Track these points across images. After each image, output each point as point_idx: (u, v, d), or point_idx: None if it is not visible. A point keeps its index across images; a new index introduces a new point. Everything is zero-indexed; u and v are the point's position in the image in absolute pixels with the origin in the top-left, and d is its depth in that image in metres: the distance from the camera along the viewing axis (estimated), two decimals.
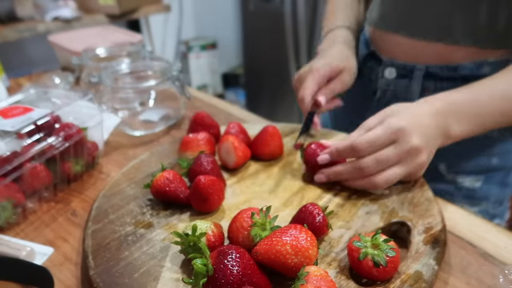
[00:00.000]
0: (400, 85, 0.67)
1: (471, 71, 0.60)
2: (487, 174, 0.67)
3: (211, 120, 0.65)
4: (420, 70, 0.64)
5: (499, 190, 0.69)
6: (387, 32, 0.67)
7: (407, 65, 0.65)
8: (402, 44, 0.65)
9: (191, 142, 0.59)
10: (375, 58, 0.71)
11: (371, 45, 0.72)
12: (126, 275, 0.41)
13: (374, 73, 0.71)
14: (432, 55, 0.62)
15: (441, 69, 0.62)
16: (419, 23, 0.62)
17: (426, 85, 0.64)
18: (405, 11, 0.64)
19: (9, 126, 0.53)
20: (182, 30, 2.81)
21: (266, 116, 0.80)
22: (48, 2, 1.91)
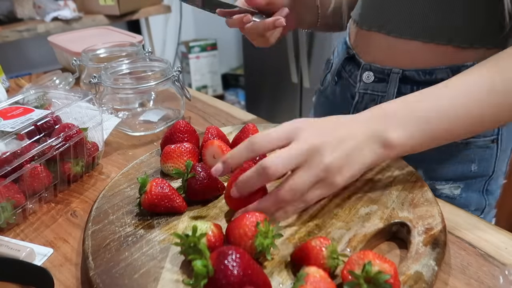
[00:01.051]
0: (377, 89, 0.67)
1: (448, 75, 0.59)
2: (466, 181, 0.66)
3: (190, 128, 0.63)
4: (396, 74, 0.64)
5: (480, 197, 0.68)
6: (366, 31, 0.67)
7: (384, 69, 0.65)
8: (381, 45, 0.65)
9: (173, 153, 0.57)
10: (354, 61, 0.71)
11: (350, 48, 0.72)
12: (126, 276, 0.41)
13: (353, 77, 0.71)
14: (408, 57, 0.62)
15: (418, 73, 0.62)
16: (395, 21, 0.62)
17: (402, 89, 0.64)
18: (383, 9, 0.64)
19: (9, 127, 0.53)
20: (182, 30, 2.81)
21: (266, 117, 0.80)
22: (48, 2, 1.91)
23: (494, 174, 0.67)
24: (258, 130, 0.62)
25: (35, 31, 1.85)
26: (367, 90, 0.68)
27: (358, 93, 0.69)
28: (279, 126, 0.45)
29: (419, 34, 0.60)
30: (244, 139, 0.57)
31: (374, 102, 0.68)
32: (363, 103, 0.69)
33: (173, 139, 0.61)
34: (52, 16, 1.88)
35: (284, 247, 0.43)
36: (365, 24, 0.68)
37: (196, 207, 0.51)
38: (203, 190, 0.50)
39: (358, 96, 0.70)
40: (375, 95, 0.67)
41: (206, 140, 0.60)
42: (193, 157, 0.58)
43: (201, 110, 0.86)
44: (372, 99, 0.68)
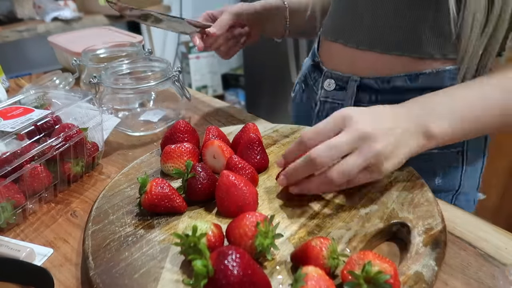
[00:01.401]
0: (337, 97, 0.67)
1: (405, 82, 0.60)
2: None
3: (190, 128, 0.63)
4: (354, 81, 0.64)
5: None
6: (328, 41, 0.69)
7: (344, 76, 0.66)
8: (340, 53, 0.66)
9: (173, 153, 0.57)
10: (318, 69, 0.72)
11: (316, 56, 0.73)
12: (126, 276, 0.41)
13: (316, 84, 0.72)
14: (366, 66, 0.63)
15: (375, 81, 0.62)
16: (353, 32, 0.63)
17: (361, 98, 0.65)
18: (340, 20, 0.66)
19: (9, 127, 0.53)
20: None
21: (266, 117, 0.80)
22: (48, 2, 1.91)
23: (460, 189, 0.67)
24: (259, 130, 0.62)
25: (35, 31, 1.85)
26: (328, 98, 0.69)
27: (319, 101, 0.70)
28: (328, 118, 0.47)
29: (375, 46, 0.61)
30: (244, 138, 0.57)
31: (333, 110, 0.67)
32: (324, 112, 0.70)
33: (173, 139, 0.61)
34: (52, 16, 1.88)
35: (284, 247, 0.43)
36: (327, 34, 0.70)
37: (196, 207, 0.51)
38: (203, 190, 0.50)
39: (320, 104, 0.70)
40: (335, 104, 0.68)
41: (206, 140, 0.60)
42: (193, 157, 0.58)
43: (201, 110, 0.86)
44: (332, 107, 0.69)
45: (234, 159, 0.53)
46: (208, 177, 0.50)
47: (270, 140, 0.66)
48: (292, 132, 0.68)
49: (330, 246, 0.39)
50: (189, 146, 0.58)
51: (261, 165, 0.57)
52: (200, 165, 0.51)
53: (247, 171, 0.53)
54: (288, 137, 0.67)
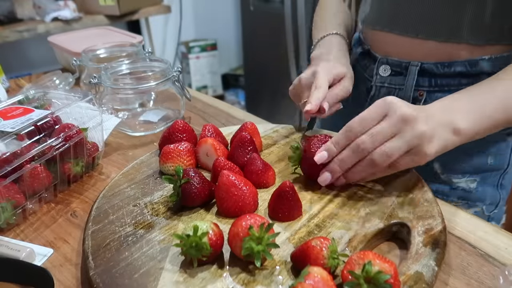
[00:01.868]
0: (395, 82, 0.68)
1: (466, 68, 0.61)
2: (482, 174, 0.67)
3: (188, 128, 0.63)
4: (415, 67, 0.65)
5: (494, 191, 0.69)
6: (380, 31, 0.68)
7: (402, 62, 0.66)
8: (395, 42, 0.66)
9: (172, 153, 0.57)
10: (369, 55, 0.72)
11: (364, 43, 0.73)
12: (126, 275, 0.41)
13: (368, 71, 0.72)
14: (426, 52, 0.63)
15: (436, 66, 0.63)
16: (410, 21, 0.63)
17: (420, 82, 0.65)
18: (396, 9, 0.65)
19: (9, 127, 0.53)
20: (182, 31, 2.81)
21: (266, 117, 0.80)
22: (48, 3, 1.91)
23: (508, 168, 0.68)
24: (257, 128, 0.62)
25: (35, 31, 1.85)
26: (384, 83, 0.69)
27: (375, 86, 0.70)
28: (371, 106, 0.48)
29: (433, 34, 0.61)
30: (239, 136, 0.57)
31: (390, 95, 0.68)
32: (380, 96, 0.69)
33: (171, 139, 0.61)
34: (52, 17, 1.88)
35: (284, 247, 0.43)
36: (378, 24, 0.69)
37: (193, 210, 0.51)
38: (199, 195, 0.49)
39: (375, 89, 0.70)
40: (392, 88, 0.68)
41: (202, 137, 0.60)
42: (192, 157, 0.58)
43: (201, 110, 0.86)
44: (388, 92, 0.69)
45: (221, 162, 0.53)
46: (202, 181, 0.50)
47: (270, 140, 0.66)
48: (292, 132, 0.68)
49: (330, 246, 0.39)
50: (187, 146, 0.58)
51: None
52: (192, 170, 0.50)
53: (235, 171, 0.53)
54: (288, 137, 0.67)
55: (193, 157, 0.58)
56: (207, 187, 0.50)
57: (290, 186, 0.47)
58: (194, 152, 0.58)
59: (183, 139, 0.60)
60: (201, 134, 0.62)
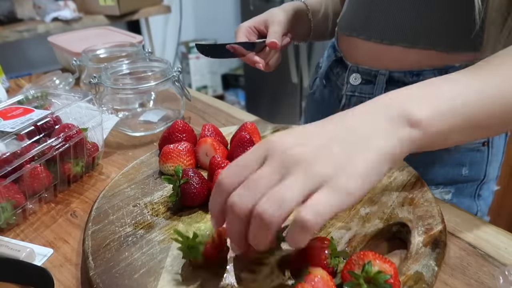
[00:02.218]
0: (365, 91, 0.67)
1: (435, 76, 0.58)
2: (457, 185, 0.66)
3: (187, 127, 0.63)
4: (383, 75, 0.63)
5: (472, 203, 0.68)
6: (350, 36, 0.68)
7: (371, 70, 0.65)
8: (363, 49, 0.65)
9: (172, 153, 0.57)
10: (342, 63, 0.71)
11: (338, 51, 0.72)
12: (126, 276, 0.41)
13: (340, 79, 0.71)
14: (393, 60, 0.62)
15: (404, 74, 0.61)
16: (376, 26, 0.62)
17: (389, 90, 0.63)
18: (363, 14, 0.65)
19: (9, 127, 0.53)
20: (182, 31, 2.82)
21: (266, 117, 0.80)
22: (48, 3, 1.91)
23: (485, 179, 0.67)
24: (257, 128, 0.62)
25: (35, 31, 1.86)
26: (355, 92, 0.68)
27: (345, 95, 0.69)
28: (248, 151, 0.36)
29: (399, 40, 0.60)
30: (238, 136, 0.57)
31: (360, 104, 0.67)
32: (350, 106, 0.69)
33: (171, 139, 0.61)
34: (52, 17, 1.88)
35: (285, 246, 0.43)
36: (346, 29, 0.69)
37: (193, 210, 0.51)
38: (198, 195, 0.49)
39: (345, 98, 0.69)
40: (363, 97, 0.67)
41: (202, 137, 0.60)
42: (192, 157, 0.58)
43: (201, 110, 0.86)
44: (359, 101, 0.68)
45: (217, 159, 0.53)
46: (202, 181, 0.50)
47: None
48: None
49: (330, 245, 0.39)
50: (187, 146, 0.58)
51: None
52: (192, 170, 0.50)
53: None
54: None
55: (193, 157, 0.58)
56: (206, 187, 0.50)
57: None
58: (194, 152, 0.59)
59: (183, 139, 0.60)
60: (201, 134, 0.62)
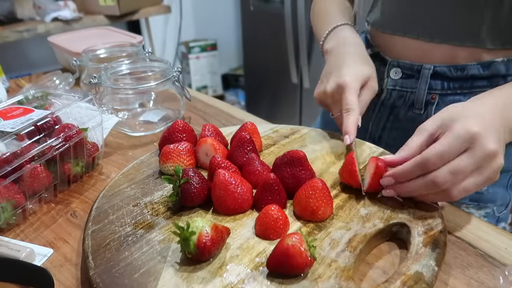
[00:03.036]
0: (407, 85, 0.67)
1: (479, 70, 0.60)
2: None
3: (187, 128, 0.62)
4: (427, 70, 0.64)
5: (504, 192, 0.69)
6: (391, 34, 0.67)
7: (414, 65, 0.65)
8: (408, 46, 0.66)
9: (172, 153, 0.57)
10: (379, 58, 0.71)
11: (374, 46, 0.72)
12: (126, 275, 0.41)
13: (378, 74, 0.70)
14: (439, 56, 0.63)
15: (449, 69, 0.62)
16: (424, 25, 0.63)
17: (433, 85, 0.64)
18: (409, 13, 0.64)
19: (9, 127, 0.53)
20: (182, 31, 2.81)
21: (266, 117, 0.80)
22: (48, 3, 1.91)
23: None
24: (257, 129, 0.62)
25: (35, 31, 1.85)
26: (396, 86, 0.68)
27: (386, 89, 0.69)
28: (451, 138, 0.44)
29: (449, 38, 0.61)
30: (239, 136, 0.57)
31: (402, 99, 0.68)
32: (391, 100, 0.69)
33: (171, 139, 0.61)
34: (52, 17, 1.88)
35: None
36: (389, 28, 0.68)
37: (193, 210, 0.51)
38: (199, 195, 0.49)
39: (386, 92, 0.70)
40: (404, 91, 0.68)
41: (202, 137, 0.60)
42: (192, 157, 0.58)
43: (201, 110, 0.86)
44: (400, 95, 0.68)
45: (217, 159, 0.53)
46: (202, 181, 0.50)
47: (270, 140, 0.66)
48: (292, 132, 0.68)
49: (303, 238, 0.39)
50: (187, 145, 0.58)
51: None
52: (192, 170, 0.50)
53: (230, 171, 0.53)
54: (288, 137, 0.67)
55: (193, 157, 0.58)
56: (206, 187, 0.50)
57: (274, 179, 0.48)
58: (194, 152, 0.59)
59: (183, 139, 0.60)
60: (201, 134, 0.62)
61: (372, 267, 0.42)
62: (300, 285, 0.39)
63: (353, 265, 0.41)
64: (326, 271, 0.40)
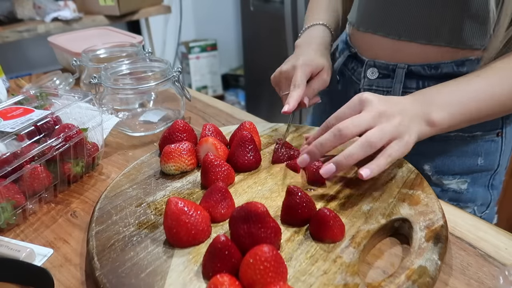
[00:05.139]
0: (383, 84, 0.68)
1: (453, 68, 0.60)
2: (473, 175, 0.67)
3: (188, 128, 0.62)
4: (402, 69, 0.65)
5: (485, 192, 0.69)
6: (366, 32, 0.68)
7: (389, 65, 0.66)
8: (381, 45, 0.66)
9: (173, 153, 0.57)
10: (356, 59, 0.72)
11: (352, 46, 0.73)
12: (132, 275, 0.41)
13: (356, 74, 0.72)
14: (411, 54, 0.63)
15: (423, 68, 0.63)
16: (393, 23, 0.63)
17: (408, 84, 0.65)
18: (380, 12, 0.65)
19: (9, 127, 0.53)
20: (182, 31, 2.81)
21: (266, 117, 0.80)
22: (48, 3, 1.91)
23: (498, 168, 0.68)
24: (256, 127, 0.63)
25: (35, 31, 1.85)
26: (372, 86, 0.69)
27: (363, 89, 0.70)
28: (347, 103, 0.51)
29: (417, 37, 0.61)
30: (237, 136, 0.57)
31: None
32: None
33: (172, 139, 0.61)
34: (52, 17, 1.88)
35: (289, 244, 0.44)
36: (362, 26, 0.69)
37: None
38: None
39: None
40: (380, 91, 0.68)
41: (203, 136, 0.60)
42: (193, 156, 0.58)
43: (201, 110, 0.86)
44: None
45: (210, 157, 0.53)
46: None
47: (269, 139, 0.66)
48: (292, 131, 0.68)
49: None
50: (188, 145, 0.58)
51: (252, 163, 0.57)
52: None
53: (223, 169, 0.53)
54: (289, 137, 0.67)
55: (194, 156, 0.58)
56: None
57: (223, 242, 0.39)
58: (194, 152, 0.59)
59: (184, 139, 0.61)
60: (202, 133, 0.62)
61: (372, 267, 0.42)
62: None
63: (358, 261, 0.41)
64: (331, 267, 0.40)
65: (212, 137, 0.59)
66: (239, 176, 0.57)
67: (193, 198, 0.53)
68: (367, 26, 0.68)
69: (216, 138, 0.60)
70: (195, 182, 0.56)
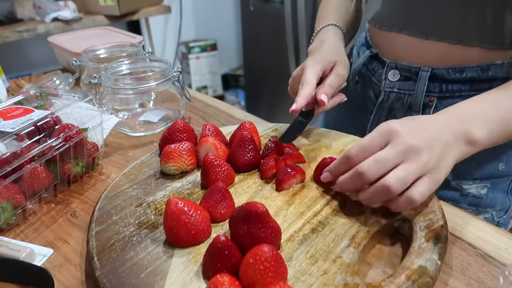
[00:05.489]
0: (404, 87, 0.66)
1: (478, 73, 0.59)
2: (493, 180, 0.66)
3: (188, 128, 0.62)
4: (425, 72, 0.63)
5: (504, 197, 0.68)
6: (389, 32, 0.67)
7: (411, 67, 0.64)
8: (405, 45, 0.65)
9: (173, 153, 0.57)
10: (377, 60, 0.71)
11: (372, 47, 0.72)
12: (132, 275, 0.41)
13: (377, 75, 0.71)
14: (436, 56, 0.62)
15: (447, 71, 0.61)
16: (421, 21, 0.62)
17: (431, 88, 0.63)
18: (406, 9, 0.63)
19: (9, 127, 0.53)
20: (182, 31, 2.81)
21: (266, 117, 0.80)
22: (48, 3, 1.91)
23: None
24: (256, 127, 0.63)
25: (35, 31, 1.85)
26: (393, 88, 0.68)
27: (383, 91, 0.69)
28: (373, 132, 0.46)
29: (445, 36, 0.60)
30: (237, 136, 0.57)
31: (400, 101, 0.67)
32: (389, 102, 0.69)
33: (172, 138, 0.61)
34: (52, 17, 1.88)
35: (289, 244, 0.44)
36: (385, 24, 0.67)
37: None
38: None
39: (384, 94, 0.69)
40: (402, 94, 0.67)
41: (203, 136, 0.60)
42: (193, 156, 0.58)
43: (201, 110, 0.86)
44: (398, 97, 0.68)
45: (210, 157, 0.53)
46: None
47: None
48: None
49: None
50: (188, 145, 0.58)
51: (252, 163, 0.57)
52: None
53: (223, 169, 0.53)
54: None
55: (194, 156, 0.58)
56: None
57: (223, 242, 0.39)
58: (195, 152, 0.59)
59: (184, 139, 0.61)
60: (202, 133, 0.62)
61: (372, 267, 0.42)
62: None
63: (358, 261, 0.41)
64: (331, 267, 0.40)
65: (212, 137, 0.59)
66: (239, 176, 0.57)
67: (193, 198, 0.53)
68: (392, 25, 0.66)
69: (216, 138, 0.60)
70: (195, 182, 0.56)
